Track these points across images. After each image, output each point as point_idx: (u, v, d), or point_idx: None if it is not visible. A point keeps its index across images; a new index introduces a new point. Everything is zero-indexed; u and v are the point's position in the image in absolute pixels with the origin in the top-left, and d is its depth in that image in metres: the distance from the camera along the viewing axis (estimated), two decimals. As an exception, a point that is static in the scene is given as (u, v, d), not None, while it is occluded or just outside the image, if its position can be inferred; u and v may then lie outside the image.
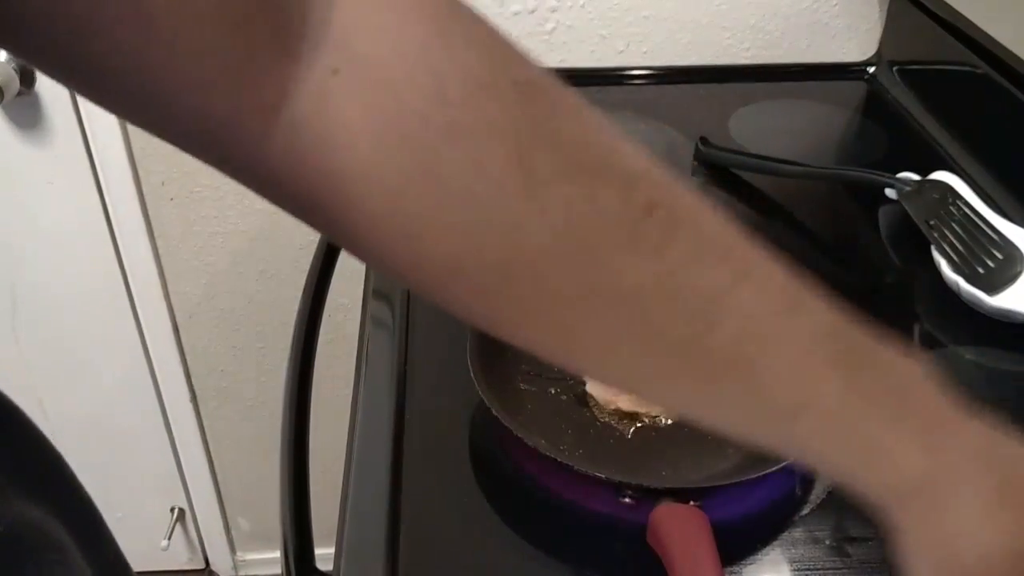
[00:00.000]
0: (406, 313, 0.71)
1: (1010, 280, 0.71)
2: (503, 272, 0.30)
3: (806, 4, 1.08)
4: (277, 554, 0.67)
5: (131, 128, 1.09)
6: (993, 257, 0.72)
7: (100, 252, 1.17)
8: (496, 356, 0.62)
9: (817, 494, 0.57)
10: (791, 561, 0.53)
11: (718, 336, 0.32)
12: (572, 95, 0.34)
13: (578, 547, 0.54)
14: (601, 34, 1.08)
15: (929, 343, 0.71)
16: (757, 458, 0.57)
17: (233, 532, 1.49)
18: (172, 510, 1.43)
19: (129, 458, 1.35)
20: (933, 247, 0.75)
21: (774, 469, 0.53)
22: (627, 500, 0.54)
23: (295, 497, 0.65)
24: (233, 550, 1.51)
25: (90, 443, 1.30)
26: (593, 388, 0.62)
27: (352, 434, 0.62)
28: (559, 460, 0.53)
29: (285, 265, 1.22)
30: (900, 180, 0.80)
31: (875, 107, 1.06)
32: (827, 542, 0.54)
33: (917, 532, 0.33)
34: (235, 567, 1.52)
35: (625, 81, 1.09)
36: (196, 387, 1.33)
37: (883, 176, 0.81)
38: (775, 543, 0.54)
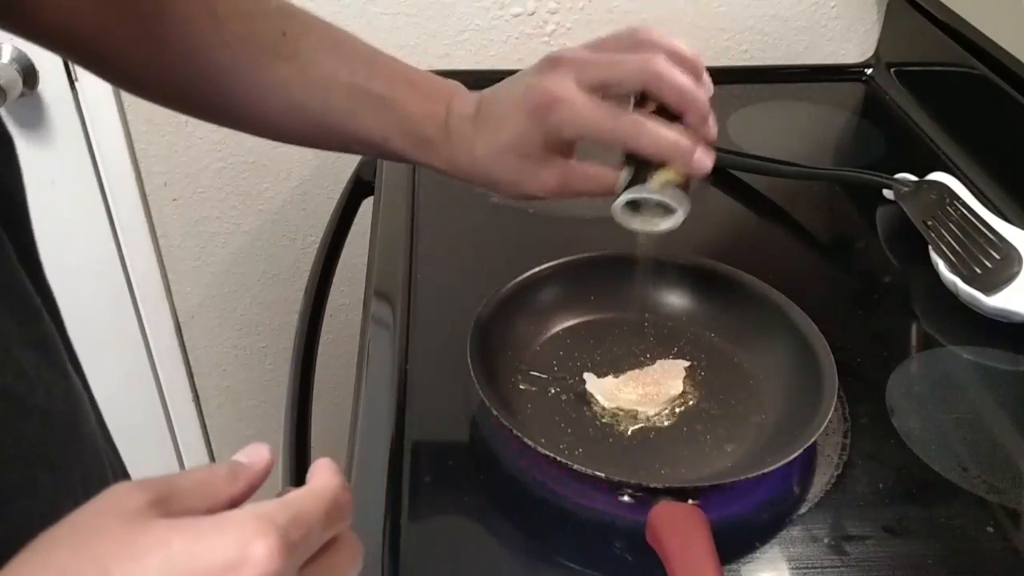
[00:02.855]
0: (406, 313, 0.71)
1: (1007, 280, 0.72)
2: (194, 81, 0.57)
3: (804, 6, 1.08)
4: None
5: (134, 129, 1.09)
6: (990, 257, 0.73)
7: (102, 252, 1.18)
8: (496, 356, 0.62)
9: (815, 493, 0.57)
10: (789, 560, 0.53)
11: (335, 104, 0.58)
12: None
13: (578, 546, 0.54)
14: (600, 36, 1.08)
15: (927, 343, 0.71)
16: (756, 457, 0.57)
17: (234, 531, 1.49)
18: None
19: (131, 457, 1.34)
20: (931, 247, 0.75)
21: (772, 468, 0.53)
22: (626, 499, 0.54)
23: (297, 496, 0.65)
24: (234, 549, 1.51)
25: (92, 443, 1.30)
26: (593, 388, 0.62)
27: (353, 433, 0.62)
28: (559, 460, 0.54)
29: (286, 265, 1.22)
30: (898, 181, 0.80)
31: (873, 108, 1.06)
32: (825, 541, 0.54)
33: None
34: (236, 566, 1.52)
35: (625, 82, 1.09)
36: (198, 387, 1.34)
37: (881, 177, 0.82)
38: (773, 542, 0.54)
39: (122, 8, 0.54)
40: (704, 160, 0.52)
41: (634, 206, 0.56)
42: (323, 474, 0.33)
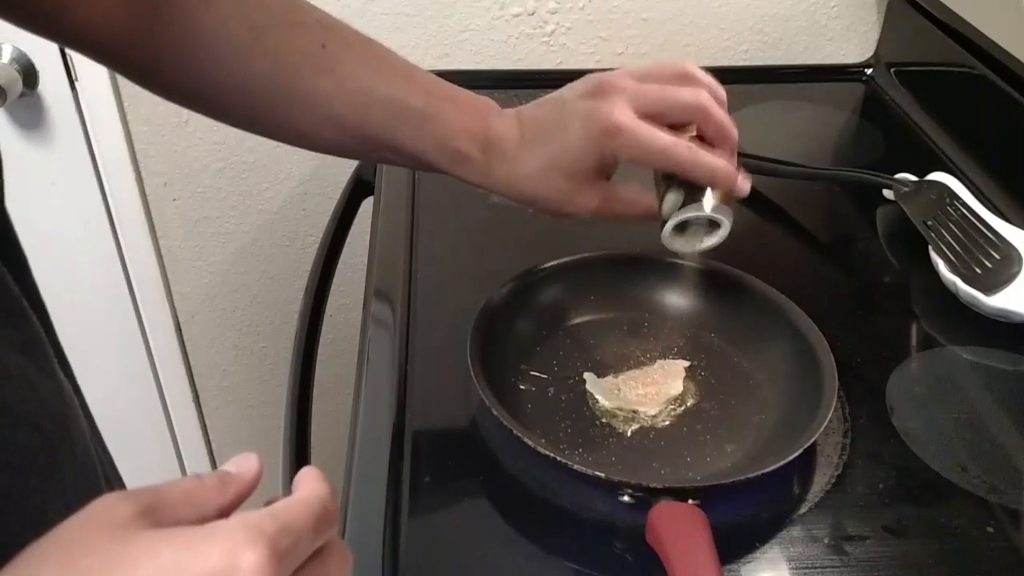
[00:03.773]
0: (406, 313, 0.71)
1: (1007, 280, 0.72)
2: (232, 89, 0.57)
3: (804, 6, 1.08)
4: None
5: (134, 129, 1.09)
6: (990, 257, 0.73)
7: (103, 252, 1.18)
8: (496, 356, 0.62)
9: (815, 493, 0.57)
10: (789, 560, 0.53)
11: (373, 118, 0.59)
12: None
13: (577, 546, 0.54)
14: (600, 36, 1.08)
15: (927, 343, 0.71)
16: (756, 457, 0.57)
17: (234, 531, 1.50)
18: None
19: (131, 458, 1.34)
20: (931, 247, 0.75)
21: (773, 468, 0.53)
22: (626, 499, 0.54)
23: (297, 496, 0.65)
24: (234, 549, 1.51)
25: (92, 443, 1.30)
26: (593, 388, 0.62)
27: (353, 433, 0.62)
28: (559, 460, 0.54)
29: (287, 265, 1.22)
30: (898, 181, 0.80)
31: (873, 108, 1.06)
32: (825, 541, 0.54)
33: None
34: (236, 566, 1.52)
35: (625, 82, 1.09)
36: (198, 387, 1.34)
37: (881, 177, 0.82)
38: (773, 542, 0.54)
39: (153, 13, 0.54)
40: (745, 183, 0.57)
41: (680, 228, 0.59)
42: (310, 483, 0.33)
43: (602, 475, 0.53)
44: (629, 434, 0.60)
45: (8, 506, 0.36)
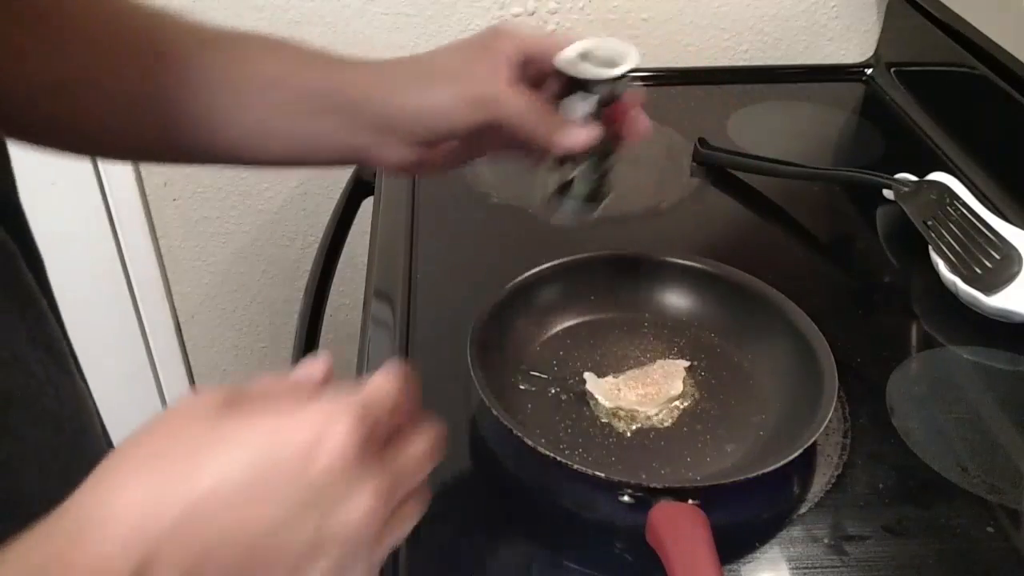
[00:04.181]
0: (406, 313, 0.71)
1: (1008, 280, 0.72)
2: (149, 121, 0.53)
3: (804, 6, 1.08)
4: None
5: (133, 129, 1.09)
6: (990, 257, 0.73)
7: (103, 252, 1.18)
8: (496, 356, 0.62)
9: (815, 493, 0.57)
10: (789, 560, 0.53)
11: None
12: None
13: (578, 546, 0.54)
14: (601, 36, 1.08)
15: (927, 343, 0.71)
16: (756, 457, 0.57)
17: (234, 532, 1.50)
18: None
19: (131, 458, 1.35)
20: (931, 247, 0.75)
21: (773, 468, 0.53)
22: (626, 499, 0.54)
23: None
24: (234, 549, 1.51)
25: (92, 443, 1.30)
26: (593, 388, 0.62)
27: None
28: (559, 459, 0.54)
29: (287, 265, 1.22)
30: (898, 181, 0.80)
31: (873, 108, 1.06)
32: (825, 541, 0.54)
33: None
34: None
35: (624, 82, 1.09)
36: (198, 387, 1.34)
37: (881, 177, 0.82)
38: (773, 542, 0.54)
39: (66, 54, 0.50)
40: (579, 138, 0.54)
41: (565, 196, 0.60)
42: (388, 369, 0.35)
43: (602, 475, 0.53)
44: (629, 434, 0.60)
45: (32, 505, 0.37)
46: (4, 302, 0.40)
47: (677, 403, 0.62)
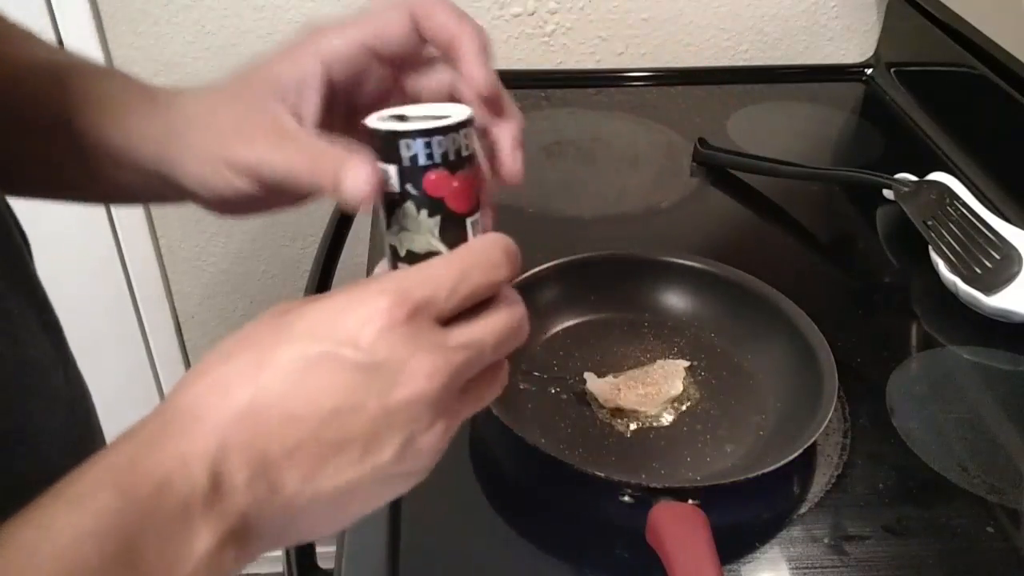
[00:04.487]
0: (407, 313, 0.71)
1: (1007, 280, 0.72)
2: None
3: (804, 6, 1.08)
4: (279, 552, 0.67)
5: (133, 129, 1.09)
6: (990, 257, 0.73)
7: (103, 252, 1.18)
8: (496, 356, 0.62)
9: (815, 493, 0.57)
10: (789, 560, 0.53)
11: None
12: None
13: (578, 546, 0.54)
14: (600, 36, 1.08)
15: (927, 343, 0.71)
16: (756, 457, 0.57)
17: (234, 532, 1.50)
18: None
19: (131, 458, 1.35)
20: (931, 247, 0.75)
21: (773, 468, 0.53)
22: (626, 499, 0.54)
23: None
24: (234, 549, 1.51)
25: (92, 443, 1.31)
26: (593, 388, 0.62)
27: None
28: (559, 459, 0.54)
29: (286, 265, 1.22)
30: (898, 181, 0.80)
31: (873, 108, 1.06)
32: (825, 541, 0.54)
33: None
34: (236, 566, 1.52)
35: (624, 83, 1.09)
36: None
37: (881, 177, 0.82)
38: (773, 542, 0.54)
39: None
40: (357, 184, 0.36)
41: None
42: (475, 239, 0.36)
43: (602, 475, 0.53)
44: (629, 434, 0.60)
45: (55, 482, 0.37)
46: (15, 287, 0.41)
47: (677, 403, 0.62)
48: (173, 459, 0.30)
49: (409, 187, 0.35)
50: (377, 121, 0.36)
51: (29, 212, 0.48)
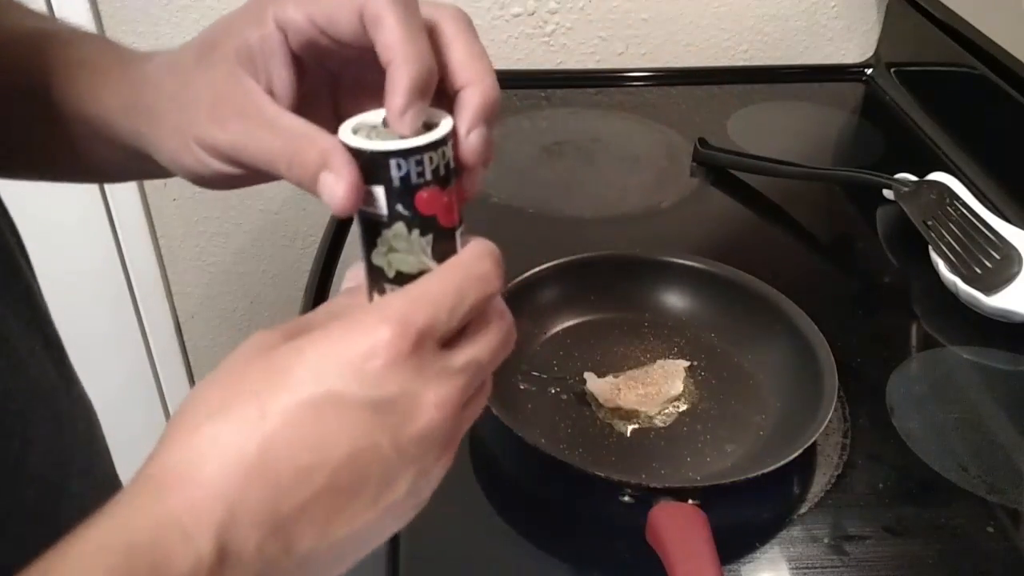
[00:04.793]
0: (407, 313, 0.71)
1: (1007, 280, 0.72)
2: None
3: (804, 6, 1.08)
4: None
5: (133, 129, 1.09)
6: (990, 257, 0.73)
7: (103, 252, 1.18)
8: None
9: (815, 493, 0.57)
10: (789, 560, 0.53)
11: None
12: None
13: (578, 546, 0.54)
14: (600, 36, 1.08)
15: (927, 343, 0.71)
16: (756, 457, 0.57)
17: (234, 532, 1.50)
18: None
19: (131, 458, 1.35)
20: (931, 247, 0.75)
21: (773, 468, 0.53)
22: (626, 499, 0.54)
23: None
24: (234, 549, 1.51)
25: (92, 443, 1.31)
26: (593, 388, 0.62)
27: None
28: (559, 459, 0.54)
29: (287, 265, 1.22)
30: (898, 181, 0.80)
31: (873, 108, 1.06)
32: (825, 541, 0.54)
33: None
34: (236, 566, 1.52)
35: (624, 83, 1.09)
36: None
37: (881, 177, 0.82)
38: (773, 542, 0.54)
39: None
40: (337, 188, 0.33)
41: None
42: (463, 251, 0.34)
43: (602, 475, 0.53)
44: (629, 434, 0.60)
45: (58, 511, 0.37)
46: (14, 306, 0.40)
47: (677, 403, 0.62)
48: (173, 534, 0.27)
49: (400, 207, 0.33)
50: (354, 138, 0.33)
51: (29, 213, 0.48)
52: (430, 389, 0.30)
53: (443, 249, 0.34)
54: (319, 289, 0.88)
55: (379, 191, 0.32)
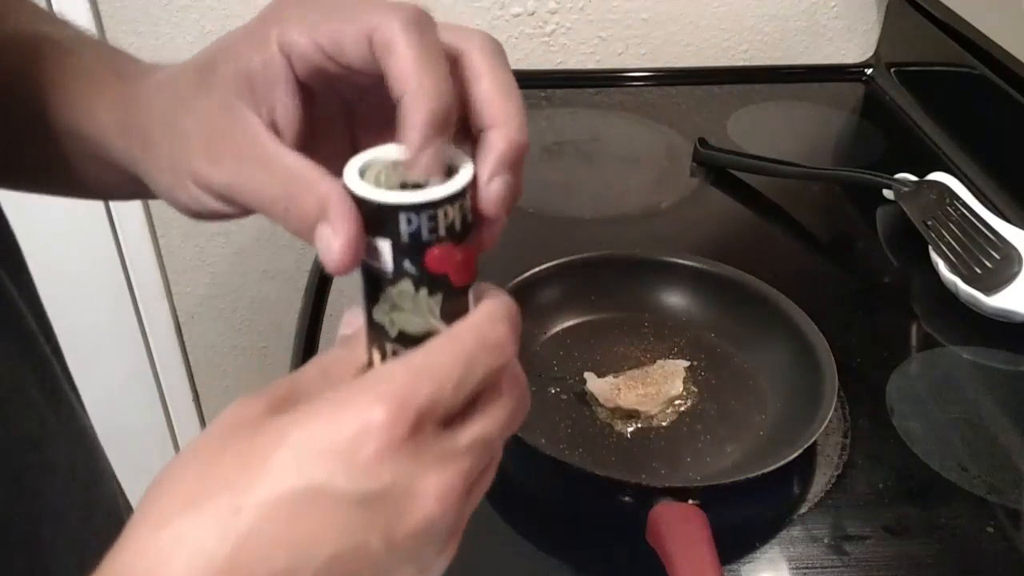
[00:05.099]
0: (407, 313, 0.71)
1: (1008, 280, 0.72)
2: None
3: (804, 6, 1.08)
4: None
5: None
6: (991, 257, 0.73)
7: (103, 252, 1.18)
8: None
9: (815, 493, 0.57)
10: (789, 560, 0.53)
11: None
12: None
13: (578, 546, 0.54)
14: (600, 36, 1.08)
15: (927, 343, 0.71)
16: (756, 457, 0.57)
17: (234, 531, 1.50)
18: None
19: (131, 457, 1.35)
20: (931, 247, 0.75)
21: (773, 468, 0.53)
22: (626, 499, 0.54)
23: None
24: (234, 549, 1.51)
25: (92, 443, 1.31)
26: (593, 388, 0.62)
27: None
28: (559, 459, 0.54)
29: (287, 265, 1.22)
30: (898, 181, 0.80)
31: (873, 108, 1.06)
32: (825, 541, 0.54)
33: None
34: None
35: (624, 83, 1.09)
36: (198, 386, 1.34)
37: (881, 177, 0.82)
38: (773, 542, 0.54)
39: None
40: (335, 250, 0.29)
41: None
42: (476, 312, 0.29)
43: (602, 475, 0.53)
44: (629, 434, 0.60)
45: (52, 559, 0.36)
46: (7, 346, 0.38)
47: (677, 403, 0.62)
48: None
49: (407, 265, 0.29)
50: (360, 184, 0.29)
51: (28, 212, 0.48)
52: (429, 477, 0.27)
53: (453, 310, 0.30)
54: (319, 289, 0.88)
55: (385, 245, 0.29)
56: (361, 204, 0.29)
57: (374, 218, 0.29)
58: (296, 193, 0.30)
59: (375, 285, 0.30)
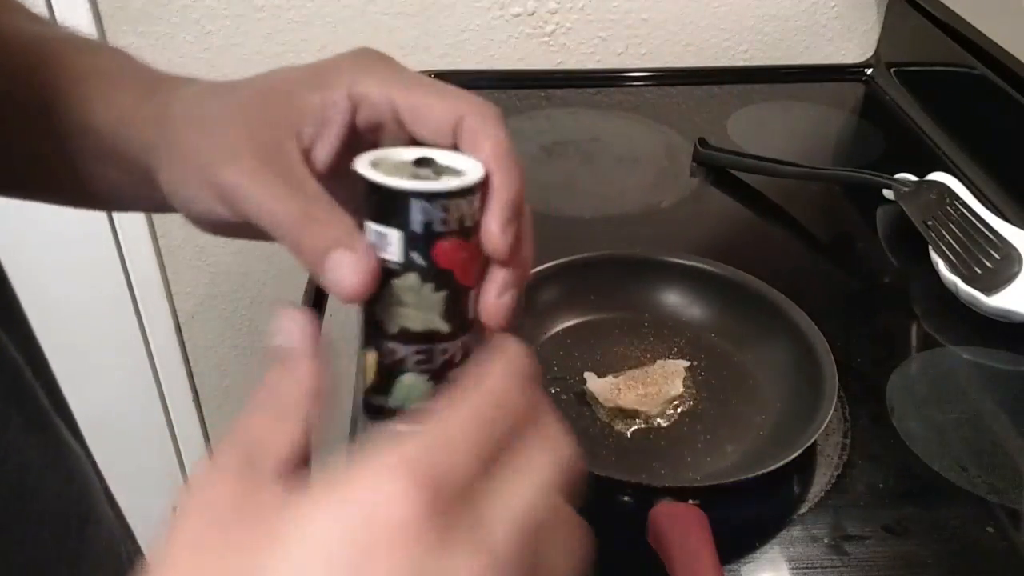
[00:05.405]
0: (407, 314, 0.71)
1: (1008, 280, 0.72)
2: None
3: (804, 6, 1.08)
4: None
5: (133, 129, 1.09)
6: (991, 257, 0.73)
7: (103, 252, 1.18)
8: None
9: (815, 493, 0.57)
10: (789, 560, 0.53)
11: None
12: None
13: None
14: (600, 36, 1.08)
15: (927, 343, 0.71)
16: (756, 457, 0.57)
17: (234, 531, 1.50)
18: (175, 509, 1.43)
19: (131, 457, 1.35)
20: (931, 248, 0.75)
21: (773, 468, 0.53)
22: (626, 499, 0.54)
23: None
24: (234, 549, 1.51)
25: (92, 442, 1.30)
26: (593, 388, 0.62)
27: (352, 434, 0.62)
28: (559, 459, 0.54)
29: (287, 265, 1.22)
30: (898, 181, 0.80)
31: (873, 108, 1.06)
32: (825, 541, 0.54)
33: None
34: (236, 566, 1.52)
35: (624, 83, 1.09)
36: (198, 386, 1.34)
37: (881, 177, 0.82)
38: (773, 542, 0.54)
39: None
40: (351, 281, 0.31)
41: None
42: (489, 365, 0.27)
43: (602, 475, 0.53)
44: (629, 434, 0.60)
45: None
46: None
47: (677, 403, 0.62)
48: None
49: (415, 256, 0.29)
50: (374, 172, 0.29)
51: (30, 212, 0.48)
52: (453, 563, 0.23)
53: (455, 310, 0.30)
54: (319, 289, 0.88)
55: (394, 235, 0.29)
56: (374, 191, 0.29)
57: (386, 206, 0.29)
58: (318, 216, 0.31)
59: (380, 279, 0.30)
